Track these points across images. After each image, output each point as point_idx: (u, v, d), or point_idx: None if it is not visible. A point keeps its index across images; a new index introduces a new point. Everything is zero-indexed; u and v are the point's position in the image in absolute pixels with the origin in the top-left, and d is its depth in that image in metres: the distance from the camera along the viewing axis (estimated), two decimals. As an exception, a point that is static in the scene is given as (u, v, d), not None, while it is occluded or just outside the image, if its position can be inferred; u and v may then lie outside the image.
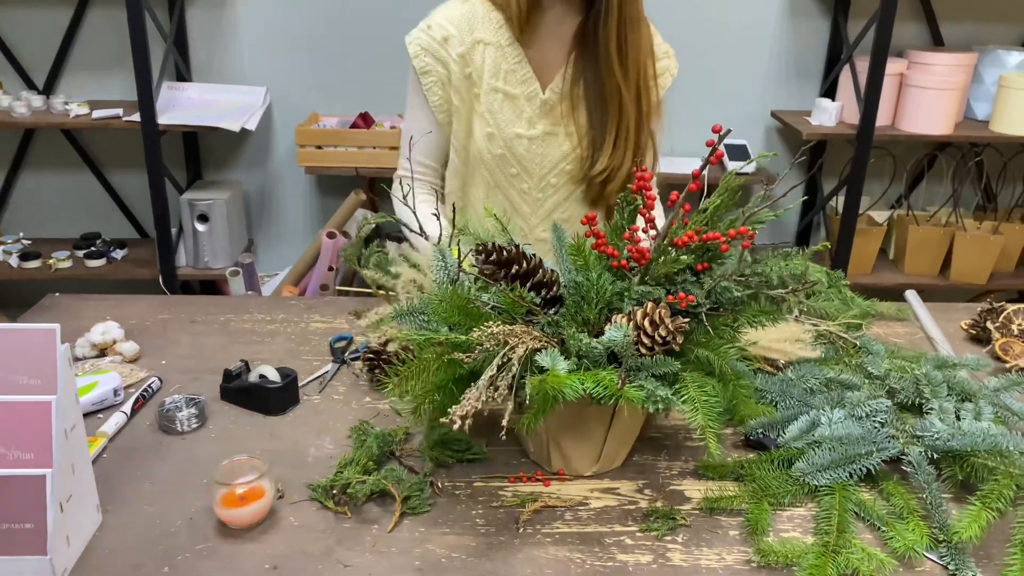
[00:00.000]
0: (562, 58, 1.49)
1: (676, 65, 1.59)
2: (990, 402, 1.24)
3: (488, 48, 1.48)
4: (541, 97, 1.49)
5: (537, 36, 1.48)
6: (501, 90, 1.48)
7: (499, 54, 1.48)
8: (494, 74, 1.48)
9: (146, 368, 1.37)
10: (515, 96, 1.49)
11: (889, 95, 2.69)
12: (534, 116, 1.49)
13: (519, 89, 1.49)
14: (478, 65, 1.49)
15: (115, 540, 1.00)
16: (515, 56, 1.48)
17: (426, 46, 1.49)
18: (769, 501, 1.07)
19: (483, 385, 0.95)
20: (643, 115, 1.49)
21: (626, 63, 1.42)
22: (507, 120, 1.49)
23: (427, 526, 1.03)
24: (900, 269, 2.91)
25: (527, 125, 1.49)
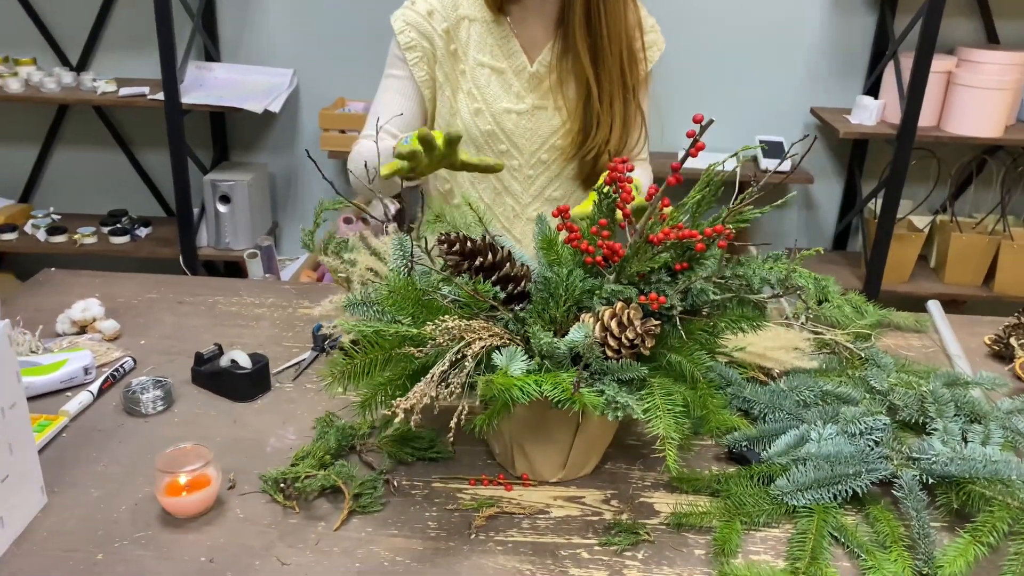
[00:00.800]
0: (550, 32, 1.47)
1: (663, 41, 1.54)
2: (1001, 425, 1.15)
3: (474, 24, 1.47)
4: (529, 70, 1.47)
5: (524, 10, 1.45)
6: (488, 64, 1.45)
7: (485, 29, 1.46)
8: (480, 49, 1.46)
9: (124, 347, 1.35)
10: (502, 70, 1.46)
11: (935, 94, 2.55)
12: (522, 90, 1.47)
13: (506, 63, 1.46)
14: (463, 41, 1.46)
15: (56, 523, 0.97)
16: (501, 31, 1.46)
17: (411, 21, 1.47)
18: (742, 520, 1.00)
19: (431, 380, 0.90)
20: (629, 89, 1.44)
21: (602, 34, 1.38)
22: (495, 95, 1.46)
23: (376, 526, 0.98)
24: (940, 278, 2.77)
25: (515, 99, 1.47)
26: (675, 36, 2.86)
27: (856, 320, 1.45)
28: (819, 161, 2.93)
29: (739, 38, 2.79)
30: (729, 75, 2.83)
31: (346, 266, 1.00)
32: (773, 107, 2.86)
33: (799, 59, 2.81)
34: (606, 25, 1.39)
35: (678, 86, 2.81)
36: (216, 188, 2.74)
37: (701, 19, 2.76)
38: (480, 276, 1.00)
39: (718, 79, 2.83)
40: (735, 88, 2.84)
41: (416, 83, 1.48)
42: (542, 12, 1.44)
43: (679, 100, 2.83)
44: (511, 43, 1.46)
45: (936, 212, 2.88)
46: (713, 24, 2.77)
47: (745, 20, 2.77)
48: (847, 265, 2.84)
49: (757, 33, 2.78)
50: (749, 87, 2.84)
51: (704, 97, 2.84)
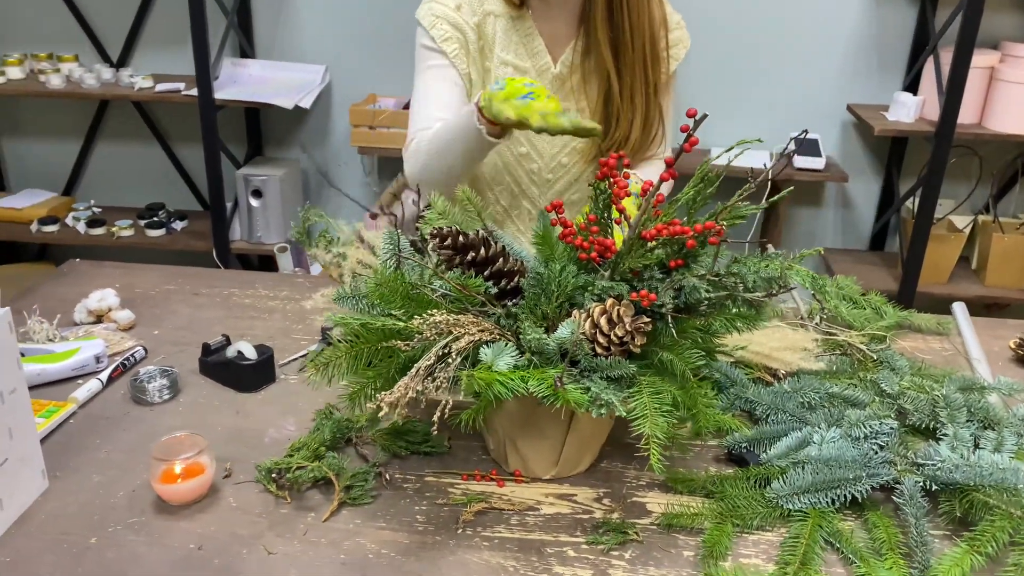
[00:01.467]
0: (573, 29, 1.43)
1: (689, 38, 1.49)
2: (1016, 432, 1.11)
3: (499, 20, 1.43)
4: (552, 71, 1.43)
5: (548, 8, 1.41)
6: (511, 63, 1.42)
7: (510, 26, 1.42)
8: (504, 47, 1.43)
9: (138, 337, 1.38)
10: (526, 69, 1.43)
11: (977, 90, 2.48)
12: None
13: (530, 62, 1.43)
14: (489, 37, 1.43)
15: (55, 507, 0.99)
16: (526, 28, 1.42)
17: (440, 14, 1.42)
18: (734, 522, 0.98)
19: (415, 374, 0.90)
20: (651, 85, 1.40)
21: (624, 28, 1.34)
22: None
23: (364, 518, 0.99)
24: (981, 280, 2.69)
25: None
26: (709, 31, 2.83)
27: (875, 321, 1.41)
28: (856, 159, 2.86)
29: (774, 33, 2.74)
30: (764, 71, 2.78)
31: (337, 259, 1.00)
32: (809, 104, 2.80)
33: (836, 54, 2.75)
34: (628, 19, 1.35)
35: (712, 82, 2.77)
36: (248, 183, 2.78)
37: (736, 13, 2.72)
38: (473, 271, 0.99)
39: (753, 75, 2.78)
40: (770, 84, 2.79)
41: (460, 74, 1.42)
42: (564, 6, 1.41)
43: (713, 96, 2.79)
44: (535, 41, 1.43)
45: (978, 212, 2.79)
46: (748, 18, 2.72)
47: (781, 14, 2.71)
48: (884, 266, 2.77)
49: (793, 28, 2.73)
50: (784, 83, 2.79)
51: (738, 93, 2.80)
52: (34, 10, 2.93)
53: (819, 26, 2.72)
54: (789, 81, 2.79)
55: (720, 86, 2.78)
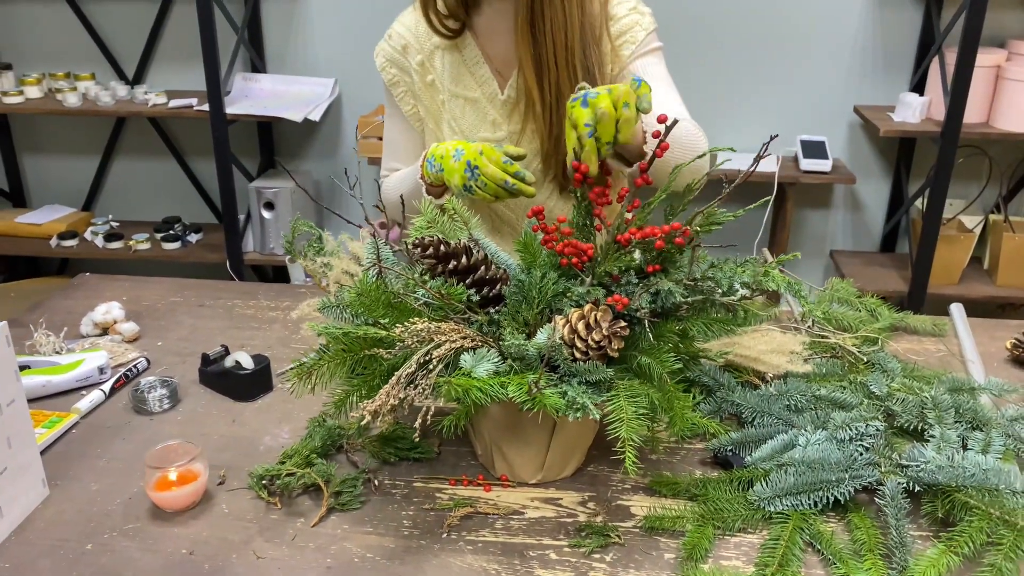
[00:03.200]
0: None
1: (649, 18, 1.39)
2: (1004, 433, 1.11)
3: (446, 53, 1.41)
4: (500, 97, 1.40)
5: (491, 33, 1.38)
6: (461, 95, 1.41)
7: (457, 57, 1.40)
8: (453, 79, 1.41)
9: (142, 348, 1.42)
10: (476, 99, 1.41)
11: (983, 89, 2.46)
12: (498, 118, 1.40)
13: (478, 92, 1.41)
14: (438, 71, 1.42)
15: (54, 514, 1.03)
16: (472, 56, 1.40)
17: (389, 57, 1.47)
18: (716, 525, 0.99)
19: (396, 382, 0.92)
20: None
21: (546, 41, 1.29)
22: (471, 125, 1.41)
23: (352, 523, 1.01)
24: (993, 280, 2.67)
25: (492, 128, 1.41)
26: (716, 34, 2.84)
27: (870, 323, 1.42)
28: (864, 160, 2.85)
29: (780, 36, 2.74)
30: (770, 73, 2.78)
31: (324, 269, 1.03)
32: (815, 106, 2.80)
33: (842, 56, 2.74)
34: (551, 32, 1.29)
35: (719, 85, 2.77)
36: (261, 195, 2.82)
37: (742, 16, 2.72)
38: (455, 279, 1.01)
39: (760, 78, 2.78)
40: (776, 86, 2.79)
41: (406, 116, 1.49)
42: (508, 30, 1.35)
43: (720, 99, 2.79)
44: (482, 68, 1.40)
45: (989, 212, 2.77)
46: (754, 22, 2.73)
47: (786, 17, 2.71)
48: (894, 267, 2.76)
49: (798, 31, 2.73)
50: (791, 85, 2.79)
51: (745, 95, 2.80)
52: (52, 30, 3.01)
53: (824, 28, 2.72)
54: (795, 84, 2.78)
55: (727, 89, 2.79)
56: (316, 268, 1.03)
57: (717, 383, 1.21)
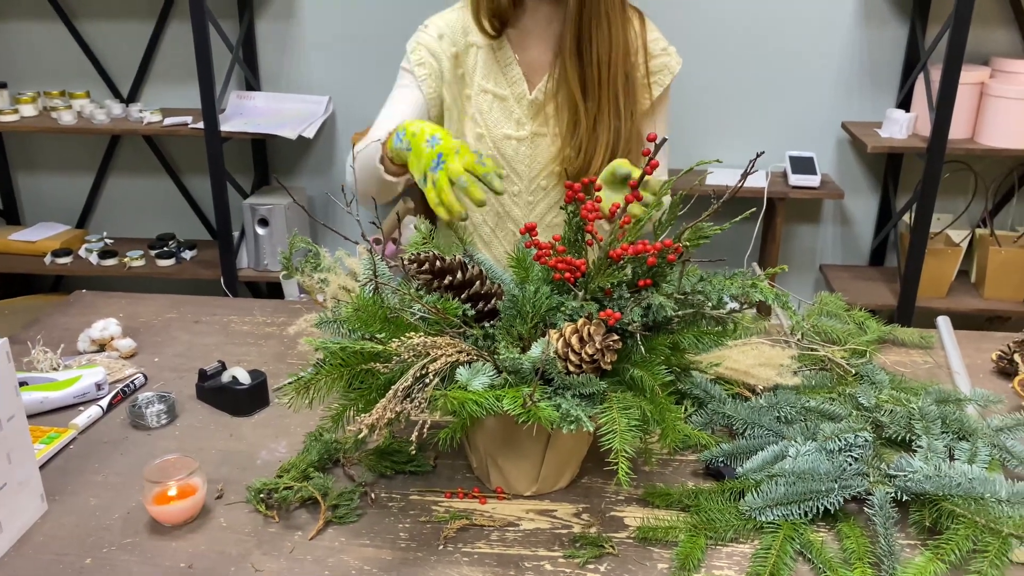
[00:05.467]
0: (550, 60, 1.49)
1: (678, 62, 1.53)
2: (990, 443, 1.13)
3: (480, 51, 1.51)
4: (528, 98, 1.50)
5: (523, 34, 1.49)
6: (491, 91, 1.49)
7: (490, 56, 1.50)
8: (485, 75, 1.50)
9: (139, 364, 1.43)
10: (504, 97, 1.50)
11: (968, 106, 2.50)
12: (523, 117, 1.50)
13: (508, 90, 1.50)
14: (470, 67, 1.51)
15: (53, 528, 1.03)
16: (505, 58, 1.50)
17: (422, 41, 1.53)
18: (708, 535, 1.00)
19: (393, 396, 0.94)
20: (624, 116, 1.43)
21: (593, 62, 1.40)
22: (496, 121, 1.50)
23: (349, 536, 1.02)
24: (980, 294, 2.70)
25: (516, 126, 1.50)
26: (704, 51, 2.88)
27: (858, 336, 1.44)
28: (852, 176, 2.89)
29: (769, 54, 2.78)
30: (759, 90, 2.82)
31: (320, 285, 1.04)
32: (804, 122, 2.83)
33: (829, 73, 2.78)
34: (597, 55, 1.40)
35: (710, 102, 2.81)
36: (255, 212, 2.84)
37: (730, 33, 2.76)
38: (451, 294, 1.03)
39: (748, 94, 2.82)
40: (765, 103, 2.83)
41: (424, 96, 1.52)
42: (542, 37, 1.47)
43: (710, 116, 2.83)
44: (513, 69, 1.50)
45: (975, 226, 2.80)
46: (742, 38, 2.77)
47: (774, 34, 2.75)
48: (883, 281, 2.79)
49: (787, 48, 2.77)
50: (779, 102, 2.83)
51: (734, 112, 2.84)
52: (47, 49, 3.03)
53: (812, 46, 2.76)
54: (784, 100, 2.82)
55: (717, 106, 2.82)
56: (313, 284, 1.04)
57: (708, 395, 1.23)
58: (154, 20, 2.95)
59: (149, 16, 2.96)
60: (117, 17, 2.97)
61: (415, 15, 2.64)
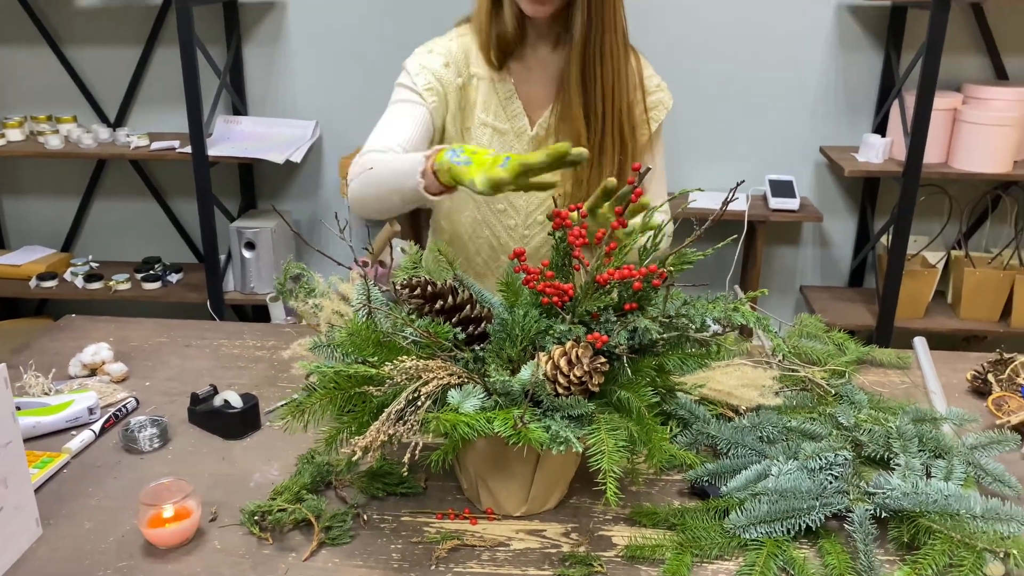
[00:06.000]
0: (551, 93, 1.49)
1: (670, 98, 1.56)
2: (965, 460, 1.16)
3: (482, 82, 1.49)
4: (529, 133, 1.49)
5: (526, 69, 1.48)
6: (491, 125, 1.49)
7: (491, 88, 1.48)
8: (485, 109, 1.49)
9: (130, 389, 1.44)
10: (504, 131, 1.50)
11: (942, 131, 2.57)
12: (523, 151, 1.50)
13: (508, 124, 1.49)
14: (472, 99, 1.49)
15: (48, 553, 1.04)
16: (506, 91, 1.48)
17: (428, 66, 1.46)
18: (694, 553, 1.03)
19: (386, 418, 0.96)
20: (627, 152, 1.46)
21: (597, 97, 1.40)
22: None
23: (343, 557, 1.04)
24: (957, 314, 2.75)
25: None
26: (686, 79, 2.94)
27: (837, 357, 1.48)
28: (830, 199, 2.95)
29: (749, 79, 2.84)
30: (739, 115, 2.88)
31: (315, 310, 1.07)
32: (783, 147, 2.90)
33: (807, 99, 2.85)
34: (601, 90, 1.41)
35: (693, 129, 2.87)
36: (242, 235, 2.86)
37: (711, 60, 2.82)
38: (442, 318, 1.06)
39: (729, 119, 2.88)
40: (746, 128, 2.89)
41: (432, 118, 1.46)
42: (544, 72, 1.46)
43: (694, 142, 2.88)
44: (514, 103, 1.49)
45: (951, 248, 2.87)
46: (723, 65, 2.83)
47: (754, 61, 2.82)
48: (862, 301, 2.84)
49: (767, 75, 2.83)
50: (759, 127, 2.89)
51: (715, 137, 2.89)
52: (33, 74, 3.04)
53: (791, 73, 2.82)
54: (764, 125, 2.88)
55: (700, 133, 2.88)
56: (307, 309, 1.07)
57: (693, 416, 1.26)
58: (141, 46, 2.98)
59: (136, 42, 2.99)
60: (104, 43, 3.00)
61: (401, 41, 2.72)
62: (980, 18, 2.71)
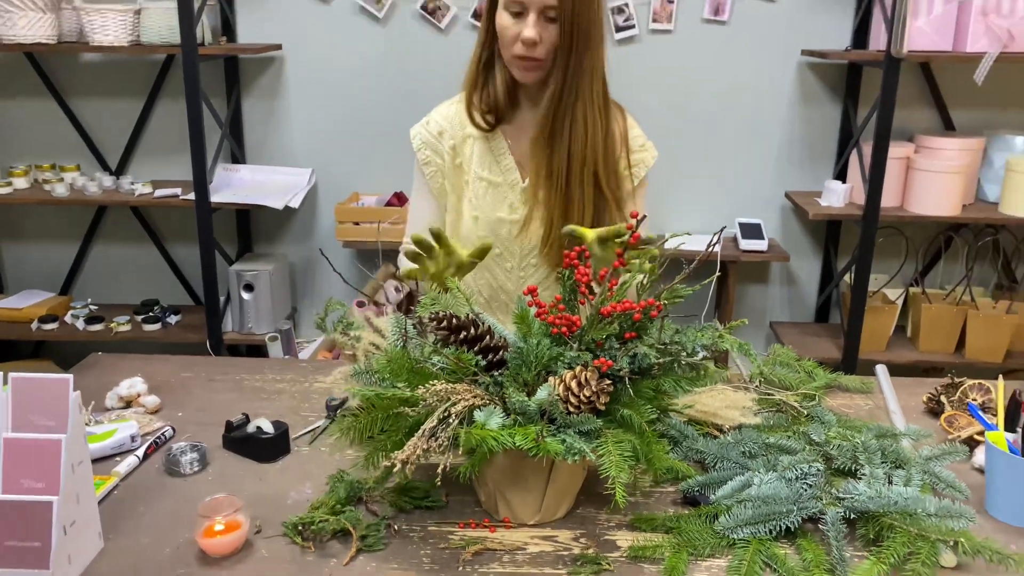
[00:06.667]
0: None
1: (653, 156, 1.72)
2: (922, 470, 1.32)
3: (476, 141, 1.66)
4: (521, 186, 1.65)
5: (517, 129, 1.65)
6: (486, 179, 1.65)
7: (485, 146, 1.65)
8: (480, 164, 1.66)
9: (164, 419, 1.56)
10: (499, 184, 1.66)
11: (897, 177, 2.78)
12: (516, 202, 1.65)
13: (502, 178, 1.66)
14: (467, 156, 1.67)
15: (111, 563, 1.16)
16: (499, 148, 1.65)
17: (425, 140, 1.69)
18: (689, 551, 1.17)
19: (422, 435, 1.10)
20: (605, 204, 1.60)
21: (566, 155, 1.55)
22: (491, 205, 1.65)
23: (379, 562, 1.17)
24: (916, 346, 2.95)
25: (509, 210, 1.65)
26: (662, 130, 3.13)
27: (807, 383, 1.64)
28: (796, 240, 3.16)
29: (720, 131, 3.05)
30: (711, 163, 3.09)
31: (352, 342, 1.21)
32: (751, 192, 3.10)
33: (773, 148, 3.07)
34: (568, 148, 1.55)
35: (666, 175, 3.05)
36: (241, 277, 2.98)
37: (686, 114, 3.04)
38: (465, 347, 1.20)
39: (701, 167, 3.09)
40: (717, 175, 3.09)
41: (435, 195, 1.71)
42: (530, 130, 1.61)
43: (668, 188, 3.08)
44: (507, 159, 1.65)
45: (909, 285, 3.08)
46: (697, 119, 3.04)
47: (725, 114, 3.04)
48: (828, 336, 3.03)
49: (736, 126, 3.05)
50: (729, 174, 3.09)
51: (689, 183, 3.09)
52: (38, 125, 3.17)
53: (758, 124, 3.04)
54: (733, 173, 3.09)
55: (675, 179, 3.08)
56: (345, 340, 1.21)
57: (683, 435, 1.41)
58: (143, 98, 3.12)
59: (138, 95, 3.13)
60: (107, 95, 3.14)
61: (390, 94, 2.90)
62: (928, 75, 2.96)
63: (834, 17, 2.94)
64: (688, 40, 2.99)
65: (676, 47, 3.00)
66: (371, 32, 3.01)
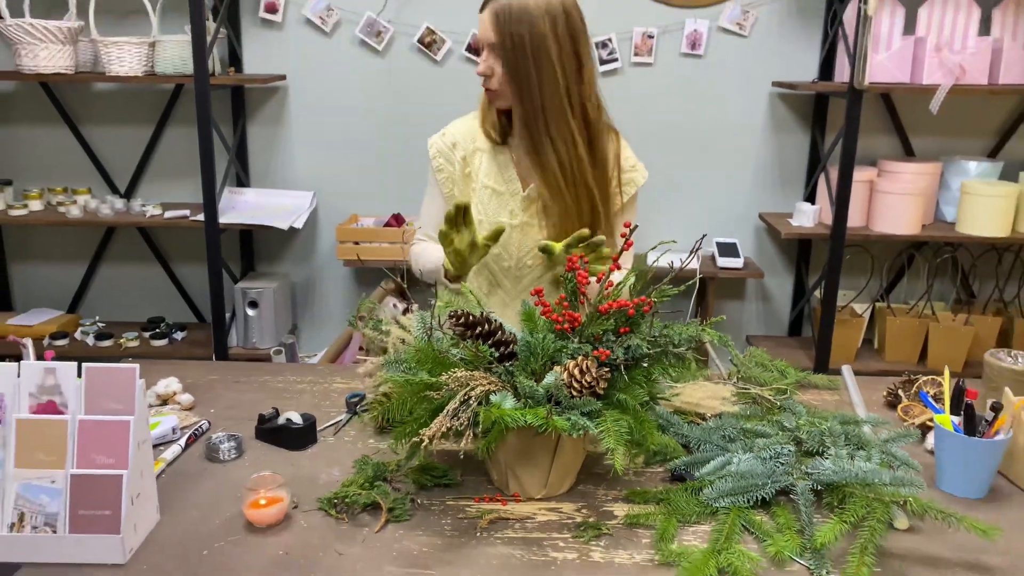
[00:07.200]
0: None
1: (643, 176, 1.92)
2: (880, 450, 1.50)
3: (484, 154, 1.86)
4: (521, 195, 1.85)
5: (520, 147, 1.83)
6: (491, 188, 1.85)
7: (492, 158, 1.85)
8: (487, 175, 1.85)
9: (198, 414, 1.71)
10: (502, 193, 1.85)
11: (861, 199, 3.00)
12: (516, 208, 1.84)
13: (505, 187, 1.85)
14: (476, 167, 1.87)
15: (168, 532, 1.31)
16: (504, 160, 1.85)
17: (439, 149, 1.89)
18: (678, 518, 1.34)
19: (446, 414, 1.27)
20: (599, 216, 1.80)
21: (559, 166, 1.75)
22: (494, 211, 1.85)
23: (406, 530, 1.33)
24: (883, 357, 3.15)
25: (510, 215, 1.85)
26: (643, 154, 3.33)
27: (780, 380, 1.82)
28: (769, 258, 3.36)
29: (697, 157, 3.27)
30: (689, 186, 3.30)
31: (382, 336, 1.38)
32: (727, 213, 3.31)
33: (747, 172, 3.28)
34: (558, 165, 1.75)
35: (647, 196, 3.25)
36: (246, 295, 3.13)
37: (665, 139, 3.25)
38: (480, 341, 1.37)
39: (680, 190, 3.29)
40: (695, 198, 3.30)
41: (444, 197, 1.89)
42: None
43: (647, 208, 3.27)
44: (510, 171, 1.85)
45: (875, 300, 3.29)
46: (676, 146, 3.25)
47: (702, 141, 3.25)
48: (800, 348, 3.22)
49: (712, 152, 3.26)
50: (706, 196, 3.30)
51: (667, 204, 3.30)
52: (51, 150, 3.32)
53: (733, 150, 3.26)
54: (710, 195, 3.30)
55: (655, 200, 3.28)
56: (374, 335, 1.37)
57: (669, 423, 1.58)
58: (153, 125, 3.29)
59: (148, 121, 3.29)
60: (118, 122, 3.30)
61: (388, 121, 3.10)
62: (889, 105, 3.19)
63: (802, 51, 3.17)
64: (667, 72, 3.21)
65: (656, 79, 3.21)
66: (371, 64, 3.20)
